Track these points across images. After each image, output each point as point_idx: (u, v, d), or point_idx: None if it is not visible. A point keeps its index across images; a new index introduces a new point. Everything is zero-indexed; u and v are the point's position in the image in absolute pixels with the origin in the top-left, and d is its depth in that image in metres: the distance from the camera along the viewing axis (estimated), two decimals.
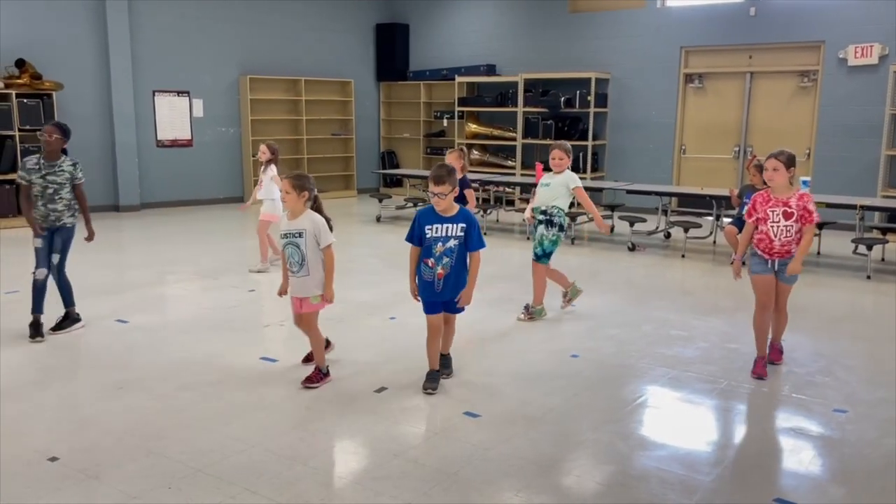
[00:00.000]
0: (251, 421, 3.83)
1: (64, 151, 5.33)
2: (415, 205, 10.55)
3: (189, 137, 11.82)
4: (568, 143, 5.89)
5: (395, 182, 13.72)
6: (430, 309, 4.16)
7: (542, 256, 5.65)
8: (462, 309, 4.20)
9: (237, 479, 3.20)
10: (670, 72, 11.15)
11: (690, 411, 4.12)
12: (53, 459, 3.37)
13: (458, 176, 6.67)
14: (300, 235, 4.13)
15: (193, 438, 3.61)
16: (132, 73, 10.97)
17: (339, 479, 3.26)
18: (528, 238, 8.79)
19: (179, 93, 11.63)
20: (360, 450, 3.58)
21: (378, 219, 10.67)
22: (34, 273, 5.22)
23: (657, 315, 5.90)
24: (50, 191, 5.14)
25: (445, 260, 4.02)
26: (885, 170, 9.42)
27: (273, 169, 7.37)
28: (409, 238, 4.14)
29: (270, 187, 7.28)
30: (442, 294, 4.08)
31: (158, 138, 11.48)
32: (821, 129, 10.07)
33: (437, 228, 4.03)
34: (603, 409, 4.05)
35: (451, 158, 6.60)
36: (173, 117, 11.61)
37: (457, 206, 4.09)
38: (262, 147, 7.51)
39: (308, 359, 4.53)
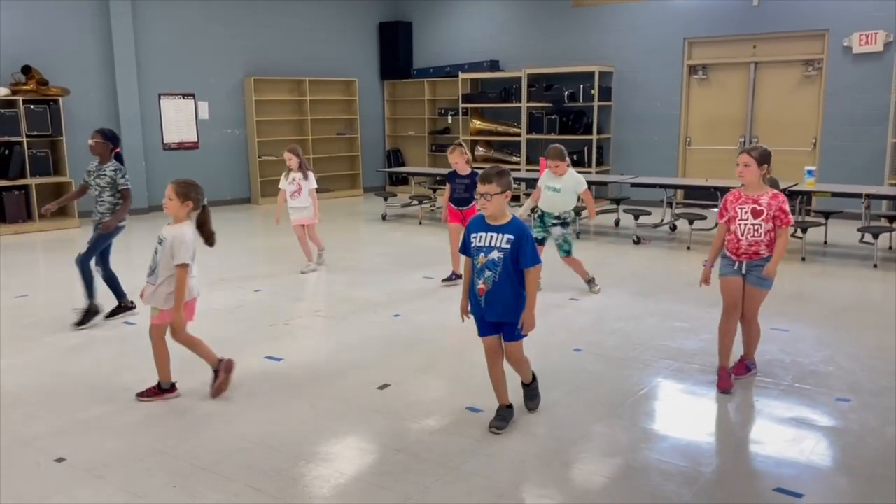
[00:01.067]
0: (255, 419, 3.87)
1: (118, 157, 5.56)
2: (420, 202, 10.58)
3: (195, 140, 11.90)
4: (559, 146, 6.15)
5: (401, 180, 13.76)
6: (479, 329, 3.70)
7: (571, 250, 6.22)
8: (521, 335, 3.65)
9: (241, 477, 3.24)
10: (674, 64, 11.12)
11: (693, 403, 4.12)
12: (60, 460, 3.42)
13: (466, 171, 6.68)
14: (160, 242, 3.97)
15: (198, 437, 3.66)
16: (137, 76, 11.05)
17: (341, 476, 3.29)
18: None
19: (185, 95, 11.70)
20: (362, 446, 3.61)
21: (384, 217, 10.70)
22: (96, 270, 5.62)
23: (661, 308, 5.90)
24: (95, 192, 5.49)
25: (487, 273, 3.53)
26: (891, 158, 9.37)
27: (312, 177, 7.23)
28: (462, 248, 3.73)
29: (306, 195, 7.22)
30: (486, 312, 3.60)
31: (165, 141, 11.56)
32: (826, 118, 10.02)
33: (481, 237, 3.57)
34: (605, 402, 4.06)
35: (455, 157, 6.57)
36: (179, 120, 11.69)
37: (509, 215, 3.59)
38: (288, 154, 7.24)
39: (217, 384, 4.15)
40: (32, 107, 9.76)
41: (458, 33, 13.27)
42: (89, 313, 5.52)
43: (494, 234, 3.54)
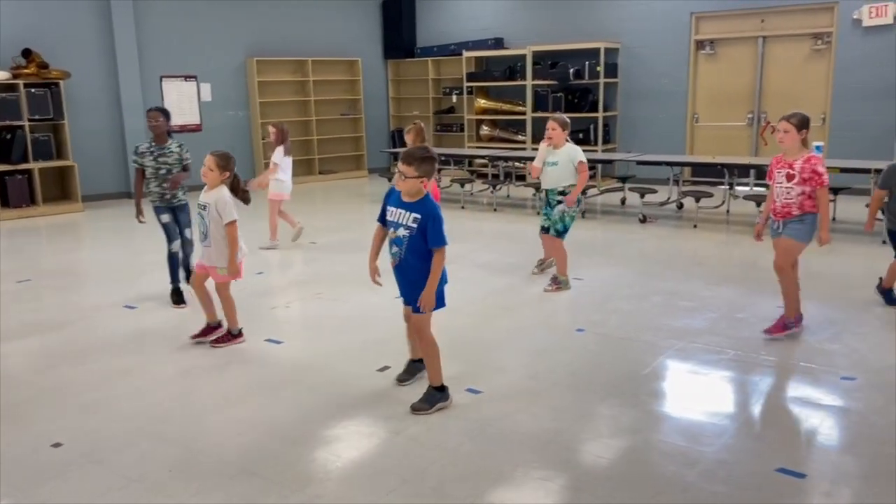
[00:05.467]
0: (254, 403, 3.85)
1: (170, 134, 5.68)
2: None
3: (198, 122, 11.83)
4: (564, 116, 5.82)
5: None
6: (400, 293, 3.82)
7: (563, 232, 5.74)
8: (421, 311, 3.64)
9: (237, 461, 3.22)
10: (681, 39, 10.94)
11: (695, 383, 4.07)
12: (57, 445, 3.40)
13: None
14: (205, 208, 4.45)
15: (196, 421, 3.64)
16: (138, 58, 10.96)
17: (338, 459, 3.26)
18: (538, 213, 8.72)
19: (187, 77, 11.62)
20: (360, 428, 3.58)
21: None
22: (169, 246, 5.67)
23: (666, 286, 5.84)
24: (162, 171, 5.52)
25: (395, 249, 3.62)
26: None
27: (280, 150, 7.47)
28: (379, 216, 3.77)
29: (286, 168, 7.54)
30: (399, 285, 3.75)
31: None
32: (836, 93, 9.85)
33: (392, 212, 3.63)
34: (606, 382, 4.02)
35: (410, 138, 6.55)
36: (182, 102, 11.61)
37: (422, 194, 3.57)
38: (270, 129, 7.65)
39: (204, 332, 4.71)
40: (33, 90, 9.70)
41: (462, 11, 13.10)
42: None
43: (403, 212, 3.59)
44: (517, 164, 11.31)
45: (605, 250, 6.89)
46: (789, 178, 4.41)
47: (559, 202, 5.72)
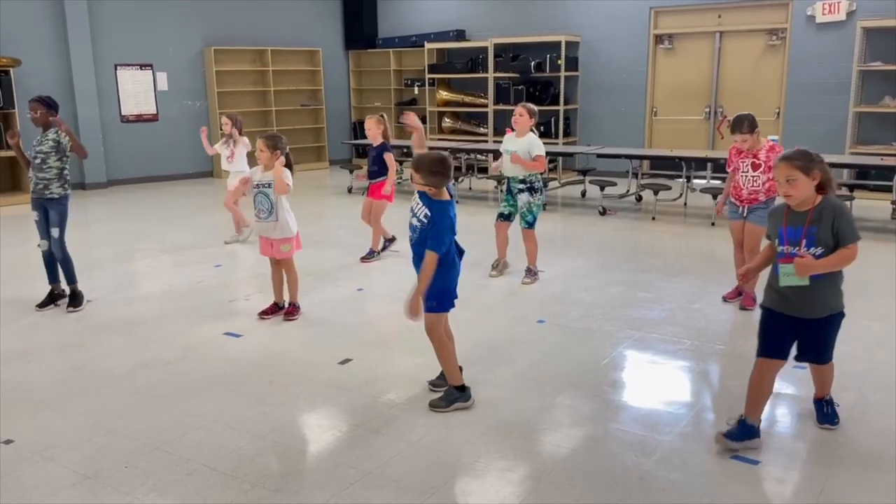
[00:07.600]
0: (213, 397, 3.80)
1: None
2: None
3: (154, 112, 11.60)
4: (533, 105, 5.78)
5: (368, 153, 13.56)
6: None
7: (533, 223, 5.80)
8: (429, 307, 3.49)
9: (195, 456, 3.18)
10: (640, 33, 11.05)
11: (653, 372, 4.13)
12: (8, 442, 3.32)
13: (378, 142, 6.64)
14: (269, 186, 4.71)
15: (153, 416, 3.57)
16: (92, 46, 10.70)
17: (298, 452, 3.24)
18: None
19: (142, 66, 11.38)
20: (321, 421, 3.56)
21: (349, 190, 10.57)
22: (39, 243, 5.34)
23: (625, 278, 5.91)
24: (38, 160, 5.19)
25: (410, 234, 3.57)
26: (853, 127, 9.45)
27: (246, 141, 7.31)
28: None
29: (241, 159, 7.30)
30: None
31: (122, 113, 11.25)
32: (790, 88, 10.06)
33: (415, 200, 3.55)
34: (566, 373, 4.05)
35: (370, 124, 6.55)
36: (137, 91, 11.37)
37: (447, 195, 3.52)
38: (224, 119, 7.43)
39: (266, 312, 5.01)
40: None
41: (424, 2, 13.05)
42: (77, 298, 5.34)
43: (420, 205, 3.51)
44: (479, 156, 11.33)
45: (566, 242, 6.95)
46: (755, 167, 4.81)
47: (521, 191, 5.72)
